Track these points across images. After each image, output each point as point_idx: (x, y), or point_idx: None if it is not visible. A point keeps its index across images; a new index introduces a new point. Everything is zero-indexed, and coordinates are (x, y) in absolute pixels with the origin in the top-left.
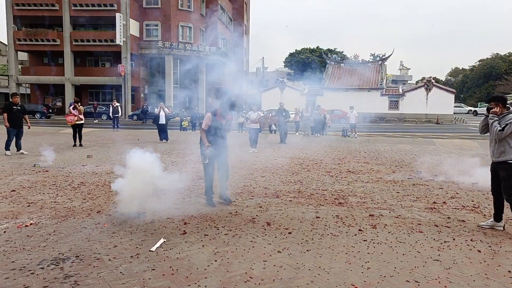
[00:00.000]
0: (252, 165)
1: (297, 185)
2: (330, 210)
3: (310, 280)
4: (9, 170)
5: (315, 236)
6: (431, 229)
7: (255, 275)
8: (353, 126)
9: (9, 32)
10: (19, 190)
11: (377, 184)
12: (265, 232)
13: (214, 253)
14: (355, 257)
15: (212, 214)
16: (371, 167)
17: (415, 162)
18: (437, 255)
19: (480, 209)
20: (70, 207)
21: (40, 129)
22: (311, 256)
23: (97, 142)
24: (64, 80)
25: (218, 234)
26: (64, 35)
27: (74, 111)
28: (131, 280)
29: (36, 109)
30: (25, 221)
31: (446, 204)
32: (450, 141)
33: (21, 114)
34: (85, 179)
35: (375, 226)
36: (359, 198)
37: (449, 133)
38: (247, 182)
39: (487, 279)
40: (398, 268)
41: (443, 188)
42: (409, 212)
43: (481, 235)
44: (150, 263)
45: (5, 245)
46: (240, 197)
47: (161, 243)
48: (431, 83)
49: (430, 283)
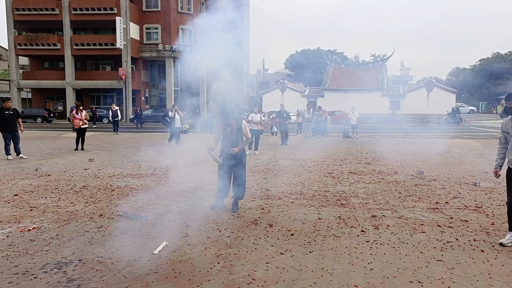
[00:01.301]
0: (254, 167)
1: (299, 187)
2: (332, 212)
3: (313, 281)
4: (11, 174)
5: (317, 237)
6: (433, 229)
7: (258, 277)
8: (355, 127)
9: (9, 37)
10: (22, 194)
11: (379, 185)
12: (268, 234)
13: (217, 256)
14: (358, 258)
15: (214, 216)
16: (373, 168)
17: (416, 162)
18: (440, 255)
19: (483, 209)
20: (73, 211)
21: (42, 133)
22: (313, 258)
23: (98, 146)
24: (65, 84)
25: (221, 237)
26: (64, 39)
27: (78, 115)
28: (134, 283)
29: (38, 114)
30: (28, 225)
31: (449, 204)
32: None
33: (13, 118)
34: (87, 182)
35: (378, 227)
36: (361, 199)
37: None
38: (248, 184)
39: (490, 279)
40: (401, 268)
41: (445, 188)
42: (411, 212)
43: (484, 235)
44: (153, 266)
45: (8, 249)
46: (242, 199)
47: (163, 246)
48: (432, 83)
49: (433, 283)
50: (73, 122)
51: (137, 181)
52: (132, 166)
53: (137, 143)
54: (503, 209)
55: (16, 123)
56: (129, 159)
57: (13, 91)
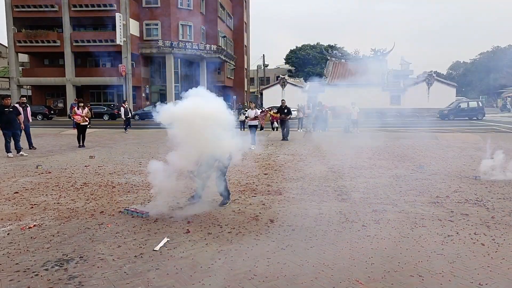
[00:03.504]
0: (255, 162)
1: (300, 182)
2: (333, 206)
3: (314, 276)
4: (12, 172)
5: (318, 232)
6: (434, 223)
7: (259, 272)
8: (355, 122)
9: (9, 34)
10: (22, 192)
11: (380, 180)
12: (269, 229)
13: (218, 252)
14: (359, 252)
15: (215, 212)
16: (374, 163)
17: (417, 157)
18: (440, 249)
19: (483, 203)
20: (73, 208)
21: (42, 130)
22: (314, 253)
23: (99, 143)
24: (65, 81)
25: (222, 232)
26: (64, 36)
27: (79, 111)
28: (136, 280)
29: (38, 111)
30: (29, 223)
31: (449, 198)
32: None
33: (13, 115)
34: (87, 179)
35: (379, 222)
36: (362, 194)
37: (451, 127)
38: (249, 179)
39: (491, 272)
40: (402, 263)
41: (445, 182)
42: (412, 206)
43: (484, 228)
44: (154, 263)
45: (9, 247)
46: (243, 194)
47: (164, 242)
48: (432, 77)
49: (434, 277)
50: (74, 118)
51: (138, 177)
52: (133, 162)
53: (138, 140)
54: (503, 202)
55: (16, 121)
56: (130, 156)
57: (13, 88)
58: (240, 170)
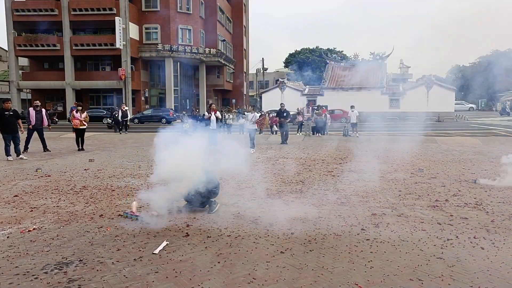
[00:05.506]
0: (254, 165)
1: (299, 185)
2: (332, 210)
3: (314, 280)
4: (11, 175)
5: (317, 236)
6: (433, 227)
7: (258, 276)
8: (354, 125)
9: (9, 38)
10: (22, 195)
11: (379, 183)
12: (268, 233)
13: (217, 255)
14: (358, 256)
15: (214, 216)
16: (373, 166)
17: (416, 160)
18: (440, 253)
19: (482, 206)
20: (73, 211)
21: None
22: (314, 256)
23: (98, 146)
24: (65, 85)
25: (221, 236)
26: (64, 39)
27: (77, 115)
28: (135, 283)
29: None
30: (28, 226)
31: (449, 202)
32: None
33: (14, 119)
34: (87, 183)
35: (378, 225)
36: (361, 197)
37: (450, 131)
38: (248, 183)
39: (491, 276)
40: (401, 266)
41: (445, 185)
42: (411, 210)
43: (484, 232)
44: (153, 266)
45: (9, 250)
46: (242, 198)
47: (164, 245)
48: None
49: (434, 281)
50: (72, 122)
51: (137, 181)
52: (132, 166)
53: (137, 143)
54: (503, 206)
55: (16, 124)
56: (129, 159)
57: (12, 92)
58: (239, 174)
